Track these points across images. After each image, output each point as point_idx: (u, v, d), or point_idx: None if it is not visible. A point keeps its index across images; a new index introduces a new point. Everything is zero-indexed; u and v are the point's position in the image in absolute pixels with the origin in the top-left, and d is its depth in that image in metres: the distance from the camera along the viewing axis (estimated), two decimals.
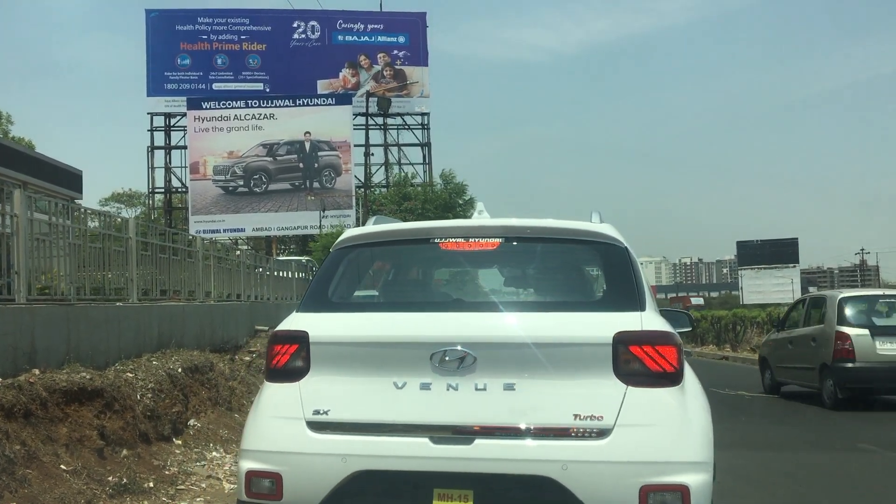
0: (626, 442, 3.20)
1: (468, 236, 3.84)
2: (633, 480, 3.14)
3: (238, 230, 36.50)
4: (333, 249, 4.05)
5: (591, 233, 3.83)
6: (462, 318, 3.52)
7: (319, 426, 3.38)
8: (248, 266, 14.23)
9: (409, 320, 3.57)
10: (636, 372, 3.32)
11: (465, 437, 3.26)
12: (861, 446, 8.19)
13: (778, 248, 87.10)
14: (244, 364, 11.02)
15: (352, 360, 3.48)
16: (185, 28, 40.23)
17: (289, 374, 3.53)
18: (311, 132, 36.14)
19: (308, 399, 3.44)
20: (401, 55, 41.39)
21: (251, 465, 3.44)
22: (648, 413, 3.26)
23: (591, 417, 3.23)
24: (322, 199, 32.42)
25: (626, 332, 3.34)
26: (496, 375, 3.34)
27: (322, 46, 41.20)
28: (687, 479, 3.15)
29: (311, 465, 3.33)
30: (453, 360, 3.34)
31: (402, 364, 3.41)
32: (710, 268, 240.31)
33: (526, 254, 4.06)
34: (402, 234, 4.11)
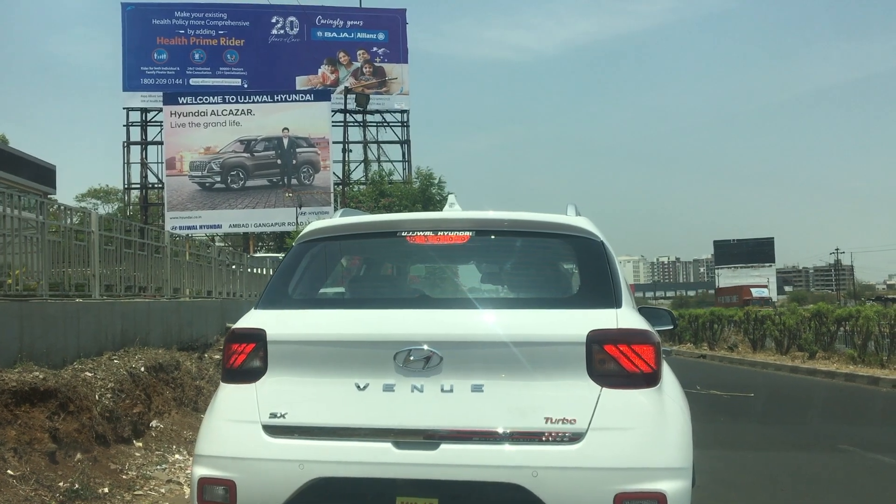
0: (600, 447, 3.00)
1: (437, 229, 3.62)
2: (607, 488, 2.95)
3: (215, 227, 36.05)
4: (296, 243, 3.83)
5: (566, 226, 3.63)
6: (428, 316, 3.29)
7: (276, 430, 3.17)
8: (219, 262, 13.92)
9: (371, 318, 3.32)
10: (611, 372, 3.12)
11: (431, 442, 3.05)
12: (841, 447, 8.06)
13: (754, 248, 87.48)
14: (213, 363, 10.73)
15: (311, 361, 3.26)
16: (162, 22, 39.68)
17: (245, 375, 3.31)
18: (290, 128, 35.77)
19: (264, 401, 3.22)
20: (380, 52, 41.09)
21: (204, 472, 3.21)
22: (624, 416, 3.07)
23: (563, 421, 3.04)
24: (299, 195, 32.06)
25: (601, 331, 3.13)
26: (463, 376, 3.13)
27: (301, 42, 40.82)
28: (664, 485, 2.97)
29: (266, 472, 3.11)
30: (418, 360, 3.12)
31: (365, 364, 3.19)
32: (688, 267, 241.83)
33: (497, 248, 3.86)
34: (369, 227, 3.83)
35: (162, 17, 39.70)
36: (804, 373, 17.96)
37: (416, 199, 32.44)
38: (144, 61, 39.02)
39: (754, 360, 21.96)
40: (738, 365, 22.12)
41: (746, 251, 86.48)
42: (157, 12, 39.54)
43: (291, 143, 35.70)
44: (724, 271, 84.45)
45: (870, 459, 7.54)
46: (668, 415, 3.15)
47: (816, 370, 17.60)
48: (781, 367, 19.56)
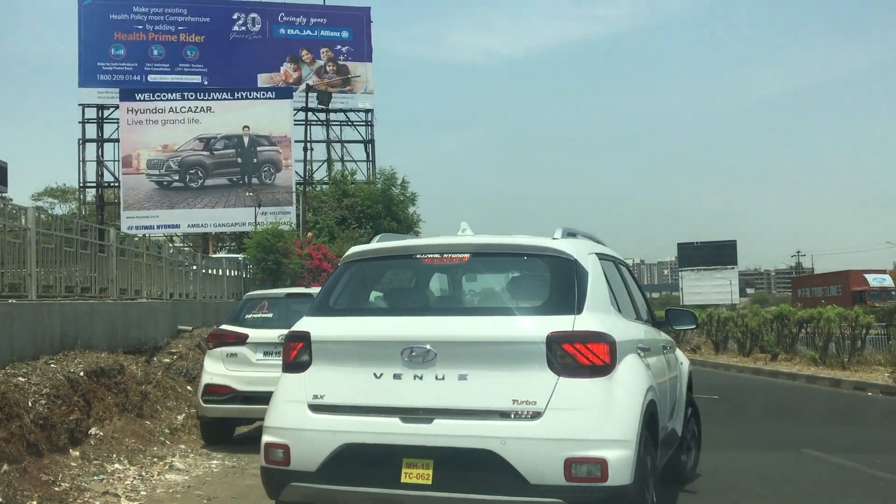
0: (555, 423, 3.79)
1: (444, 253, 4.54)
2: (559, 454, 3.74)
3: (173, 226, 35.18)
4: (340, 263, 4.85)
5: (543, 248, 4.41)
6: (427, 321, 4.26)
7: (317, 408, 4.13)
8: (172, 263, 13.43)
9: (386, 323, 4.35)
10: (567, 365, 3.90)
11: (427, 418, 3.93)
12: (805, 451, 7.91)
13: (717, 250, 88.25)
14: (162, 366, 10.29)
15: (342, 355, 4.22)
16: (120, 17, 38.63)
17: (296, 367, 4.29)
18: (251, 126, 35.00)
19: (309, 386, 4.19)
20: (344, 50, 40.47)
21: (268, 439, 4.22)
22: (575, 399, 3.84)
23: (526, 402, 3.84)
24: (258, 194, 31.41)
25: (558, 333, 3.94)
26: (452, 367, 3.98)
27: (263, 40, 40.05)
28: (605, 453, 3.74)
29: (310, 439, 4.07)
30: (419, 355, 4.01)
31: (380, 358, 4.09)
32: (652, 269, 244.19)
33: (488, 266, 4.75)
34: (393, 251, 4.81)
35: (120, 11, 38.68)
36: (766, 374, 17.96)
37: (378, 200, 32.03)
38: (101, 57, 37.97)
39: (717, 361, 21.99)
40: (700, 367, 22.10)
41: (709, 253, 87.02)
42: (114, 7, 38.50)
43: (252, 142, 34.98)
44: (688, 273, 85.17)
45: (833, 464, 7.39)
46: (614, 399, 3.91)
47: (779, 372, 17.61)
48: (744, 368, 19.57)
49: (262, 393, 8.00)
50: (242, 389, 8.02)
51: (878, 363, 16.82)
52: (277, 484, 4.18)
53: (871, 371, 15.93)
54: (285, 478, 4.13)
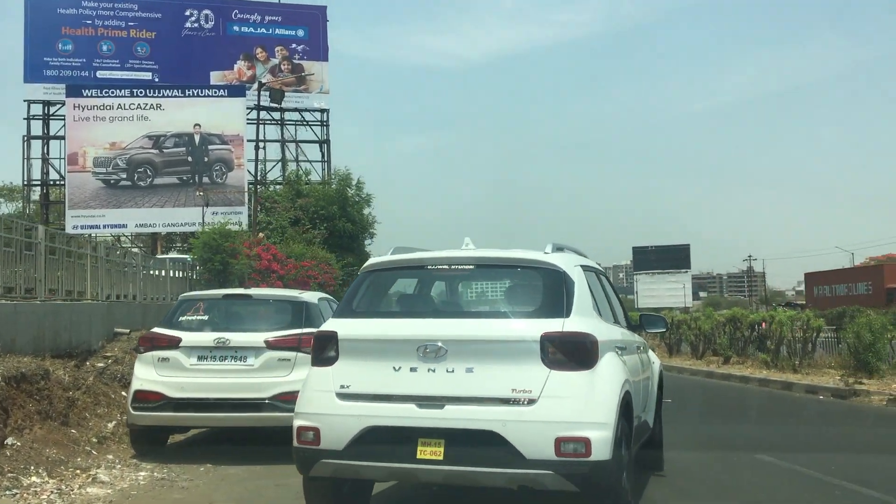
0: (547, 408, 4.46)
1: (451, 264, 5.29)
2: (550, 434, 4.39)
3: (120, 226, 34.17)
4: (360, 272, 5.50)
5: (536, 261, 5.10)
6: (439, 323, 4.91)
7: (344, 396, 4.75)
8: (109, 262, 12.85)
9: (404, 324, 5.02)
10: (557, 360, 4.57)
11: (439, 404, 4.58)
12: (760, 457, 7.74)
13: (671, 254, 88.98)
14: (95, 371, 9.76)
15: (366, 351, 4.85)
16: (68, 11, 37.47)
17: (325, 361, 4.93)
18: (202, 124, 34.17)
19: (337, 378, 4.81)
20: (299, 49, 39.83)
21: (300, 423, 4.83)
22: (564, 388, 4.51)
23: (523, 391, 4.50)
24: (206, 193, 30.62)
25: (550, 333, 4.62)
26: (461, 362, 4.62)
27: (216, 37, 39.20)
28: (589, 433, 4.41)
29: (338, 423, 4.69)
30: (432, 351, 4.64)
31: (399, 354, 4.73)
32: (608, 272, 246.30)
33: (490, 276, 5.62)
34: (407, 263, 5.43)
35: (68, 6, 37.53)
36: (719, 377, 17.94)
37: (333, 201, 31.49)
38: (48, 52, 36.79)
39: (670, 364, 21.95)
40: None
41: (663, 257, 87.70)
42: (62, 1, 37.39)
43: (203, 140, 34.17)
44: (643, 277, 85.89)
45: (788, 470, 7.22)
46: (596, 389, 4.59)
47: (731, 375, 17.60)
48: (697, 371, 19.55)
49: (196, 400, 7.60)
50: (175, 396, 7.57)
51: (828, 366, 16.90)
52: (308, 461, 4.81)
53: (822, 374, 15.98)
54: (316, 455, 4.75)
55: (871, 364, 14.46)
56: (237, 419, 7.68)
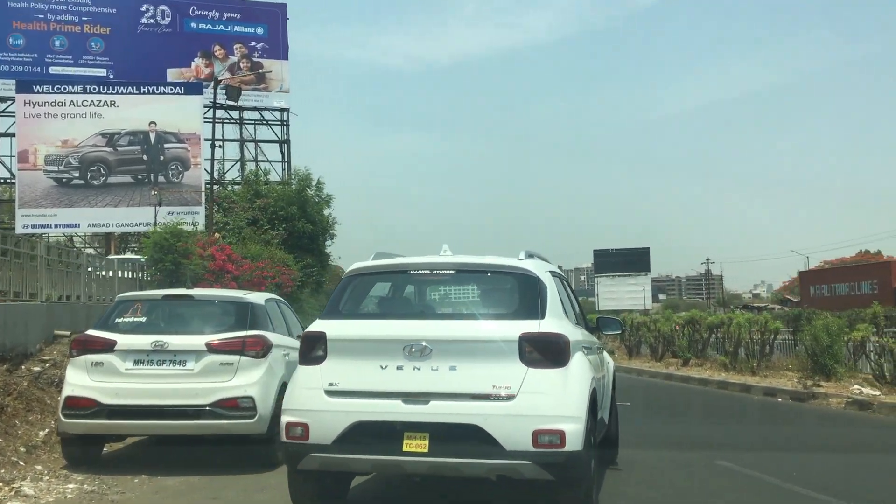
0: (526, 403, 4.74)
1: (432, 269, 5.64)
2: (528, 426, 4.66)
3: (72, 226, 33.21)
4: (344, 277, 5.78)
5: (512, 267, 5.47)
6: (424, 324, 5.18)
7: (332, 393, 4.99)
8: (51, 261, 12.31)
9: (390, 325, 5.24)
10: (534, 359, 4.87)
11: (424, 400, 4.83)
12: (720, 463, 7.56)
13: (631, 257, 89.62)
14: (30, 376, 9.28)
15: (354, 351, 5.09)
16: (19, 5, 36.38)
17: (314, 360, 5.14)
18: (158, 122, 33.34)
19: (325, 376, 5.04)
20: (259, 47, 39.17)
21: (289, 419, 5.03)
22: (541, 385, 4.81)
23: (503, 387, 4.79)
24: (159, 193, 29.88)
25: (527, 333, 4.93)
26: (445, 360, 4.89)
27: (173, 33, 38.39)
28: (564, 426, 4.70)
29: (326, 418, 4.92)
30: (418, 351, 4.90)
31: (386, 353, 4.96)
32: (570, 274, 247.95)
33: (469, 281, 5.86)
34: (390, 268, 5.75)
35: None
36: (678, 380, 17.90)
37: (292, 201, 30.96)
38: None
39: (630, 366, 21.93)
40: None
41: (624, 260, 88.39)
42: None
43: (159, 138, 33.34)
44: (603, 279, 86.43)
45: (749, 477, 7.04)
46: (569, 385, 4.90)
47: (690, 377, 17.56)
48: (656, 373, 19.51)
49: (132, 407, 7.17)
50: (108, 403, 7.14)
51: (786, 368, 16.93)
52: (297, 456, 5.03)
53: (779, 376, 15.99)
54: (305, 450, 4.97)
55: (828, 366, 14.47)
56: (175, 427, 7.27)
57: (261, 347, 7.39)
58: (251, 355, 7.31)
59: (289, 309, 9.44)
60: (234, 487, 6.68)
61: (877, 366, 13.28)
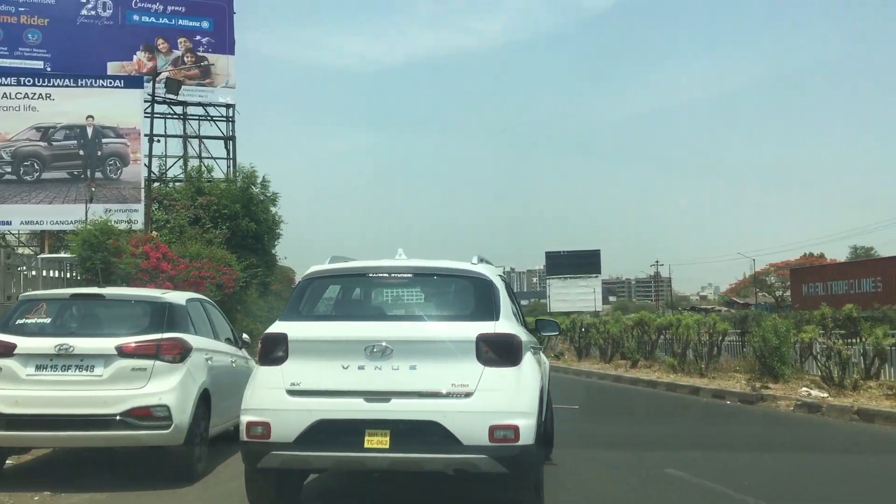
0: (482, 400, 4.95)
1: (391, 273, 5.77)
2: (485, 422, 4.87)
3: (4, 223, 31.80)
4: (301, 280, 5.90)
5: (467, 271, 5.67)
6: (385, 326, 5.44)
7: (294, 393, 5.12)
8: None
9: (352, 326, 5.41)
10: (489, 358, 5.07)
11: (386, 398, 5.01)
12: (669, 472, 7.19)
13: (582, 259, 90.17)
14: None
15: (316, 352, 5.22)
16: None
17: (275, 361, 5.25)
18: (95, 116, 31.99)
19: (287, 376, 5.16)
20: (204, 41, 38.11)
21: (250, 418, 5.15)
22: (496, 383, 5.01)
23: (461, 385, 4.99)
24: (90, 188, 28.72)
25: (484, 334, 5.13)
26: (405, 360, 5.07)
27: (115, 26, 37.13)
28: (518, 421, 4.92)
29: (288, 417, 5.05)
30: (379, 351, 5.07)
31: (348, 354, 5.12)
32: (522, 277, 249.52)
33: (426, 284, 5.99)
34: (349, 271, 5.90)
35: None
36: (627, 382, 17.66)
37: (236, 199, 30.06)
38: None
39: (579, 368, 21.68)
40: (563, 374, 21.73)
41: (575, 262, 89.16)
42: None
43: (97, 133, 32.03)
44: (555, 281, 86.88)
45: (700, 487, 6.68)
46: (522, 383, 5.11)
47: (639, 379, 17.34)
48: (605, 375, 19.26)
49: (34, 416, 6.46)
50: (7, 412, 6.45)
51: (734, 370, 16.81)
52: (257, 454, 5.10)
53: (728, 378, 15.83)
54: (265, 448, 5.05)
55: (776, 368, 14.32)
56: (82, 439, 6.61)
57: (178, 351, 6.78)
58: (167, 360, 6.70)
59: (216, 310, 8.83)
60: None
61: (824, 368, 13.15)
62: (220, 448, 7.93)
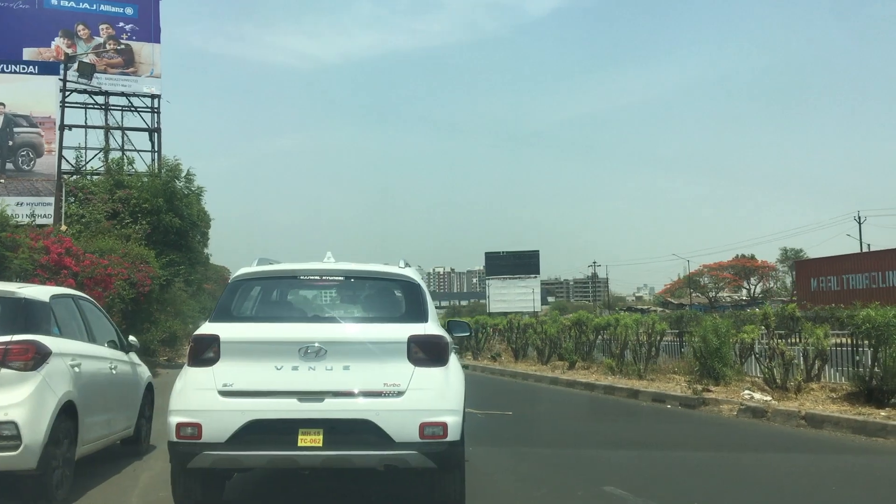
0: (413, 399, 5.14)
1: (321, 275, 6.01)
2: (416, 420, 5.05)
3: None
4: (231, 281, 6.00)
5: (396, 274, 5.96)
6: (318, 327, 5.51)
7: (227, 393, 5.11)
8: None
9: (286, 328, 5.49)
10: (420, 358, 5.30)
11: (319, 398, 5.10)
12: (608, 490, 6.36)
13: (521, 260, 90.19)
14: None
15: (249, 353, 5.26)
16: None
17: (206, 362, 5.25)
18: (7, 104, 30.03)
19: (219, 377, 5.16)
20: (128, 28, 36.36)
21: (180, 419, 5.08)
22: (426, 382, 5.22)
23: (393, 385, 5.16)
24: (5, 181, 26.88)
25: (415, 335, 5.36)
26: (339, 361, 5.20)
27: (32, 10, 35.17)
28: (446, 418, 5.12)
29: (221, 417, 5.05)
30: (313, 352, 5.18)
31: (281, 355, 5.19)
32: (462, 277, 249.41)
33: (357, 287, 6.29)
34: (280, 273, 6.11)
35: None
36: (564, 384, 16.96)
37: (159, 193, 28.52)
38: None
39: (515, 370, 20.94)
40: (499, 376, 20.97)
41: (514, 263, 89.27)
42: None
43: (8, 122, 30.06)
44: (494, 282, 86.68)
45: None
46: (450, 382, 5.35)
47: (577, 381, 16.64)
48: (542, 377, 18.53)
49: None
50: None
51: (672, 371, 16.24)
52: (188, 455, 5.02)
53: (667, 380, 15.24)
54: (196, 449, 4.99)
55: (717, 370, 13.75)
56: None
57: (29, 357, 5.66)
58: (15, 367, 5.58)
59: (96, 308, 7.70)
60: None
61: (767, 369, 12.59)
62: (96, 469, 6.82)
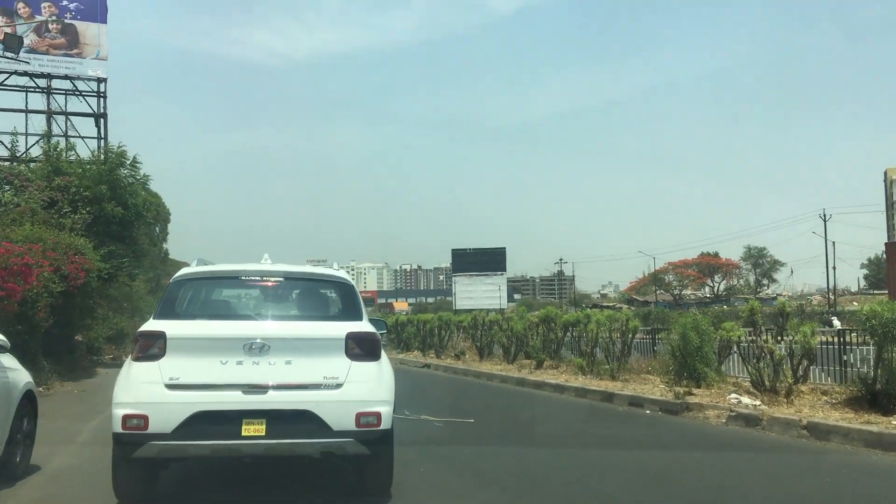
0: (350, 391, 5.58)
1: (262, 276, 6.46)
2: (352, 410, 5.50)
3: None
4: (173, 281, 6.34)
5: (332, 275, 6.58)
6: (263, 324, 5.92)
7: (173, 387, 5.42)
8: None
9: (231, 325, 5.90)
10: (356, 354, 5.77)
11: (262, 390, 5.47)
12: None
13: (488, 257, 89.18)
14: None
15: (195, 348, 5.59)
16: None
17: (152, 357, 5.55)
18: None
19: (165, 371, 5.47)
20: (72, 7, 34.36)
21: (126, 411, 5.35)
22: (362, 375, 5.68)
23: (332, 378, 5.59)
24: None
25: (352, 332, 5.85)
26: (281, 356, 5.59)
27: None
28: (379, 408, 5.60)
29: (167, 409, 5.34)
30: (257, 348, 5.56)
31: (226, 350, 5.56)
32: (429, 274, 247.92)
33: (296, 287, 6.66)
34: (221, 273, 6.57)
35: None
36: (531, 385, 15.63)
37: (101, 181, 26.56)
38: None
39: (480, 370, 19.57)
40: (462, 375, 19.61)
41: (481, 260, 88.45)
42: None
43: None
44: (461, 279, 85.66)
45: None
46: (383, 375, 5.84)
47: (545, 383, 15.31)
48: (508, 378, 17.18)
49: None
50: None
51: (646, 371, 15.01)
52: (133, 445, 5.33)
53: (642, 382, 14.00)
54: (142, 439, 5.30)
55: (698, 370, 12.54)
56: None
57: None
58: None
59: None
60: None
61: (755, 370, 11.37)
62: None
